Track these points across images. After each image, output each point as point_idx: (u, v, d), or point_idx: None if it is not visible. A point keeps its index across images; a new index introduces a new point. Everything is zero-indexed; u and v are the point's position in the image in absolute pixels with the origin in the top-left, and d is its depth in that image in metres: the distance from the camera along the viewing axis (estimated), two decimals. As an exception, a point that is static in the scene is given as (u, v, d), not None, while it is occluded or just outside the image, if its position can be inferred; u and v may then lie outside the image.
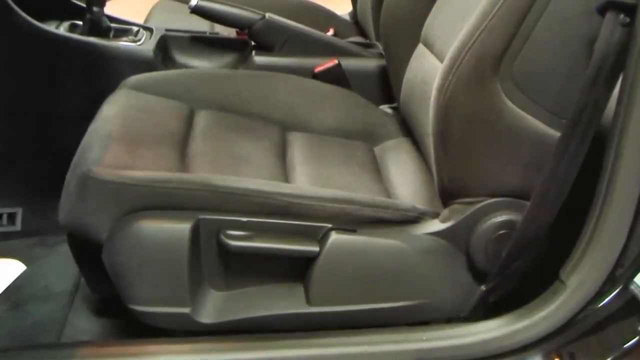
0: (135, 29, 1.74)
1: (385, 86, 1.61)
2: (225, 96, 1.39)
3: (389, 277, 1.07)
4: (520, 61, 0.96)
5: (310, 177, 1.22)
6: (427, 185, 1.24)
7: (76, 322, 1.29)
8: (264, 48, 1.69)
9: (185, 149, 1.21)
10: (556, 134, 0.98)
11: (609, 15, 0.90)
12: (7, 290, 1.36)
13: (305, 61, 1.64)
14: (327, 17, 2.24)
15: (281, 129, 1.38)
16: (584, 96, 0.92)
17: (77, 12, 1.69)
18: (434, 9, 1.31)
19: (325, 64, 1.62)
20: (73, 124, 1.27)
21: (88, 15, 1.65)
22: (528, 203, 1.01)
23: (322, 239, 1.04)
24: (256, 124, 1.36)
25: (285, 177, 1.22)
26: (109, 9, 1.70)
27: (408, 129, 1.41)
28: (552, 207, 1.01)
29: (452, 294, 1.10)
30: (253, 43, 1.73)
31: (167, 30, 1.75)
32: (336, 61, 1.62)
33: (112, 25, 1.70)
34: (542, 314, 1.05)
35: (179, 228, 0.99)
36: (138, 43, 1.66)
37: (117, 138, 1.13)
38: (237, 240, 1.01)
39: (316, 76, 1.60)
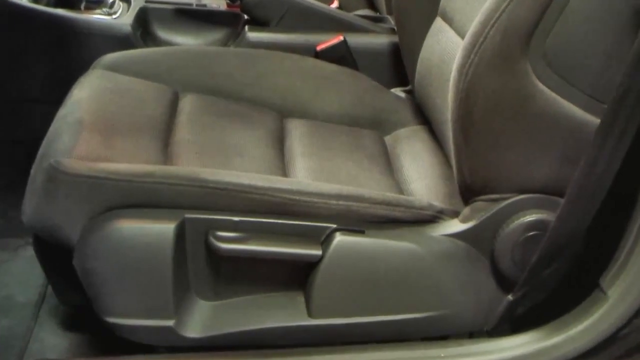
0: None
1: (398, 66, 1.61)
2: (214, 78, 1.39)
3: (401, 284, 1.07)
4: (554, 37, 0.95)
5: (311, 171, 1.22)
6: (446, 179, 1.24)
7: (42, 336, 1.29)
8: (259, 22, 1.69)
9: (169, 138, 1.21)
10: (595, 120, 0.98)
11: (660, -16, 0.90)
12: (-37, 301, 1.36)
13: (306, 38, 1.64)
14: (330, -13, 2.24)
15: (279, 115, 1.39)
16: (628, 77, 0.92)
17: (43, -20, 1.70)
18: (454, -23, 1.31)
19: (328, 40, 1.62)
20: (39, 109, 1.28)
21: (56, -16, 1.65)
22: (562, 200, 1.01)
23: (325, 241, 1.04)
24: (250, 110, 1.36)
25: (283, 170, 1.22)
26: (80, -23, 1.71)
27: (424, 116, 1.41)
28: (589, 204, 1.01)
29: (474, 304, 1.10)
30: (246, 17, 1.73)
31: (147, 1, 1.75)
32: (341, 37, 1.62)
33: (84, -5, 1.71)
34: (579, 328, 1.05)
35: (162, 229, 0.99)
36: (114, 16, 1.66)
37: (89, 125, 1.13)
38: (228, 242, 1.02)
39: (318, 55, 1.60)
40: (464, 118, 1.02)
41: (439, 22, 1.33)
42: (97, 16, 1.65)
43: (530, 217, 1.06)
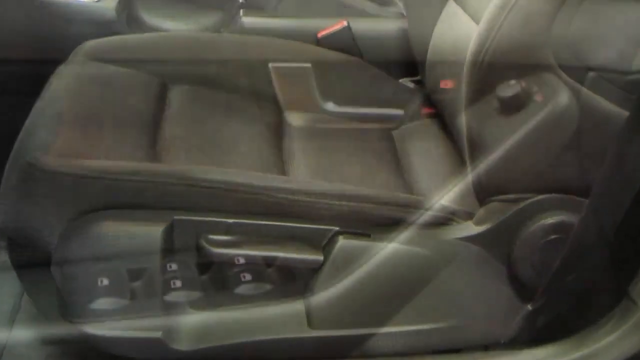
0: (92, -19, 1.74)
1: (407, 54, 1.61)
2: (206, 67, 1.39)
3: (410, 293, 1.07)
4: (579, 22, 0.95)
5: (312, 169, 1.22)
6: (459, 178, 1.24)
7: (18, 349, 1.29)
8: (255, 6, 1.69)
9: (157, 133, 1.21)
10: (623, 113, 0.98)
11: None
12: None
13: (306, 23, 1.64)
14: (333, -32, 2.24)
15: (277, 108, 1.39)
16: (661, 66, 0.92)
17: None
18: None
19: (331, 26, 1.62)
20: (14, 101, 1.27)
21: (32, -36, 1.65)
22: (585, 201, 1.01)
23: (327, 245, 1.04)
24: (245, 103, 1.36)
25: (282, 168, 1.23)
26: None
27: (435, 108, 1.41)
28: (616, 205, 1.00)
29: (489, 314, 1.11)
30: (241, 0, 1.73)
31: (132, -17, 1.75)
32: (345, 23, 1.62)
33: (63, -24, 1.70)
34: (606, 340, 1.05)
35: (149, 231, 0.99)
36: (96, -1, 1.66)
37: (70, 119, 1.13)
38: (220, 246, 1.02)
39: (320, 42, 1.60)
40: (479, 111, 1.02)
41: (451, 6, 1.33)
42: (78, -1, 1.65)
43: (552, 219, 1.06)
